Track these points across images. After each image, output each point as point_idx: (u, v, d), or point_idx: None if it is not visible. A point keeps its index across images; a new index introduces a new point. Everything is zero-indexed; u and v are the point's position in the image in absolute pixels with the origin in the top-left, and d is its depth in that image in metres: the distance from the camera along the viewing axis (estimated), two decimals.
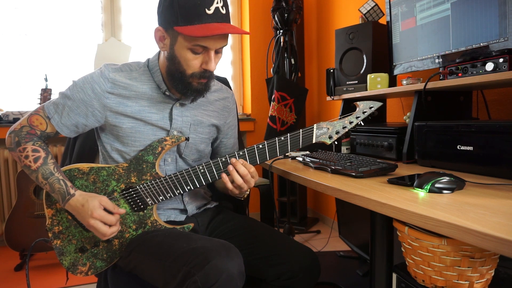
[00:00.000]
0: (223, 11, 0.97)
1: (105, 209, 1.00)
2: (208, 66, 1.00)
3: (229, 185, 1.03)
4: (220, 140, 1.27)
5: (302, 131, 1.05)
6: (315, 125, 1.06)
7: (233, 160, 1.02)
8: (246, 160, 1.04)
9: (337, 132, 1.05)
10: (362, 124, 1.06)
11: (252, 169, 1.03)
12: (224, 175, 1.03)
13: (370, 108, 1.06)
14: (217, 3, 0.95)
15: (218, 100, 1.22)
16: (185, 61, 1.00)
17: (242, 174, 1.01)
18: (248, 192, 1.15)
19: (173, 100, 1.11)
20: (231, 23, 1.01)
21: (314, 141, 1.05)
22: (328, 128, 1.06)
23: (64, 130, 1.07)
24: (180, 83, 1.03)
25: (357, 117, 1.06)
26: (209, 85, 1.07)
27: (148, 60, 1.12)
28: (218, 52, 1.01)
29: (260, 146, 1.04)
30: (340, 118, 1.07)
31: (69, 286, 1.93)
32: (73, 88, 1.06)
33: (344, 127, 1.06)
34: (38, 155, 1.03)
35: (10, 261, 2.26)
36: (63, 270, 2.10)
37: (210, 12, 0.94)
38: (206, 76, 1.03)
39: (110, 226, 0.99)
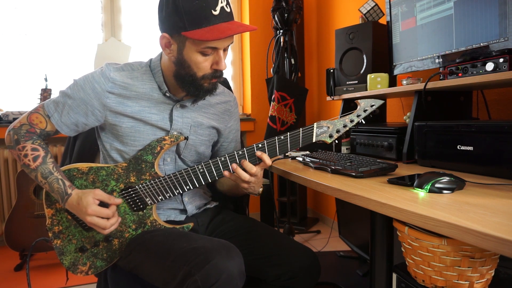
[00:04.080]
0: (228, 10, 0.97)
1: (101, 202, 1.00)
2: (219, 66, 1.01)
3: (241, 183, 1.03)
4: (221, 143, 1.27)
5: (302, 130, 1.04)
6: (315, 124, 1.05)
7: (234, 166, 1.02)
8: (245, 159, 1.03)
9: (337, 131, 1.04)
10: (363, 122, 1.05)
11: (254, 169, 1.02)
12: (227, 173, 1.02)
13: (372, 106, 1.05)
14: (221, 2, 0.95)
15: (220, 103, 1.22)
16: (196, 64, 0.99)
17: (247, 168, 1.01)
18: (261, 189, 1.13)
19: (173, 101, 1.11)
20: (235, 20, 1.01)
21: (314, 140, 1.04)
22: (328, 127, 1.05)
23: (64, 129, 1.07)
24: (192, 86, 1.03)
25: (358, 116, 1.05)
26: (218, 84, 1.08)
27: (151, 60, 1.11)
28: (225, 49, 1.02)
29: (260, 145, 1.03)
30: (340, 117, 1.06)
31: (69, 286, 1.93)
32: (73, 87, 1.06)
33: (344, 126, 1.04)
34: (38, 154, 1.03)
35: (10, 261, 2.26)
36: (63, 270, 2.10)
37: (216, 13, 0.93)
38: (217, 75, 1.04)
39: (108, 219, 0.99)
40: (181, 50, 0.99)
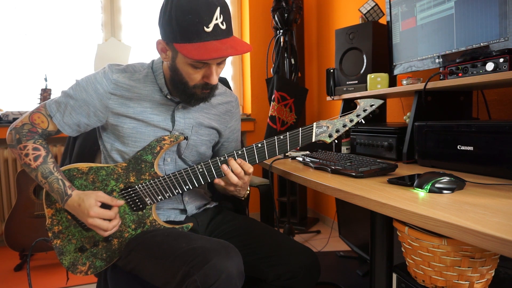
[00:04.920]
0: (223, 27, 0.93)
1: (103, 204, 1.00)
2: (210, 80, 0.99)
3: (227, 185, 1.03)
4: (221, 143, 1.26)
5: (301, 130, 1.04)
6: (314, 123, 1.04)
7: (225, 167, 1.02)
8: (245, 159, 1.04)
9: (337, 131, 1.04)
10: (363, 122, 1.05)
11: (251, 169, 1.02)
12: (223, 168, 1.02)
13: (371, 106, 1.05)
14: (216, 19, 0.91)
15: (221, 104, 1.22)
16: (187, 74, 0.99)
17: (235, 171, 1.01)
18: (248, 192, 1.15)
19: (175, 103, 1.11)
20: (233, 32, 0.99)
21: (313, 140, 1.04)
22: (328, 127, 1.05)
23: (66, 129, 1.07)
24: (184, 93, 1.03)
25: (357, 115, 1.05)
26: (213, 93, 1.07)
27: (153, 62, 1.11)
28: (220, 63, 1.00)
29: (259, 145, 1.03)
30: (340, 117, 1.06)
31: (69, 286, 1.93)
32: (76, 87, 1.06)
33: (344, 126, 1.04)
34: (39, 154, 1.03)
35: (10, 261, 2.26)
36: (63, 270, 2.10)
37: (209, 30, 0.91)
38: (209, 87, 1.03)
39: (110, 220, 1.00)
40: (174, 59, 1.00)
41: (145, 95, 1.07)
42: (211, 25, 0.91)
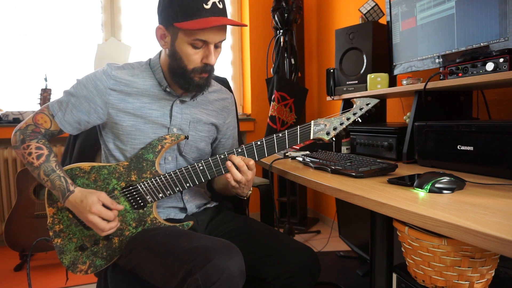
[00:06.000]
0: (220, 6, 1.00)
1: (104, 205, 1.00)
2: (209, 60, 1.03)
3: (231, 181, 1.04)
4: (219, 140, 1.27)
5: (299, 128, 1.06)
6: (312, 121, 1.07)
7: (229, 164, 1.03)
8: (244, 156, 1.05)
9: (334, 128, 1.06)
10: (360, 120, 1.08)
11: (251, 162, 1.03)
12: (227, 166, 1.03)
13: (367, 104, 1.08)
14: None
15: (218, 100, 1.23)
16: (186, 56, 1.02)
17: (238, 165, 1.02)
18: (250, 192, 1.15)
19: (173, 97, 1.12)
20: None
21: (312, 137, 1.06)
22: (325, 125, 1.06)
23: (66, 127, 1.08)
24: (182, 78, 1.05)
25: (354, 114, 1.07)
26: (210, 81, 1.10)
27: (150, 59, 1.14)
28: (217, 46, 1.04)
29: (258, 142, 1.05)
30: (337, 115, 1.08)
31: (69, 286, 1.93)
32: (76, 86, 1.08)
33: (341, 123, 1.07)
34: (41, 152, 1.04)
35: (10, 261, 2.26)
36: (63, 270, 2.10)
37: (207, 6, 0.97)
38: (207, 70, 1.05)
39: (108, 221, 1.00)
40: (173, 42, 1.02)
41: (144, 90, 1.09)
42: (210, 3, 0.98)
